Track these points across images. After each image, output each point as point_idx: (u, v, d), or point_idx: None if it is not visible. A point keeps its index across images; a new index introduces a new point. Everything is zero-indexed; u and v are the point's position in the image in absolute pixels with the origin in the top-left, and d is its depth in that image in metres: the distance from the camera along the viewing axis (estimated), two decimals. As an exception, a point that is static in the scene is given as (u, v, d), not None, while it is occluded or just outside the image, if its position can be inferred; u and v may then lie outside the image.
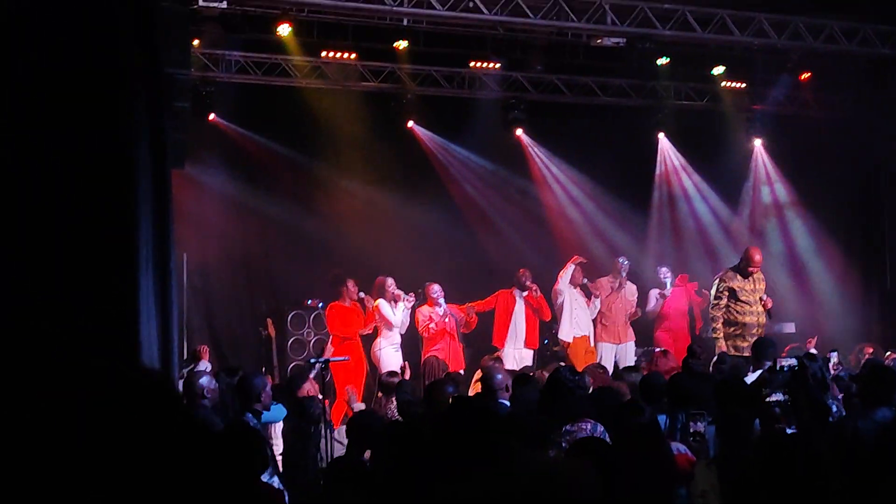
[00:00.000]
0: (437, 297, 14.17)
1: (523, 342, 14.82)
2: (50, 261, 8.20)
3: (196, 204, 15.33)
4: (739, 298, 13.14)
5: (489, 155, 17.67)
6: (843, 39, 14.70)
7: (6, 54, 7.55)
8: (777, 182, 18.44)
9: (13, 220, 8.20)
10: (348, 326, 13.91)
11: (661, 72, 16.17)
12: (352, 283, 14.10)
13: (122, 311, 8.84)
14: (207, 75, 14.92)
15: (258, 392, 8.33)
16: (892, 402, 6.98)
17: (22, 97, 8.20)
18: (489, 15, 12.88)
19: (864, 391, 7.38)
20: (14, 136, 8.12)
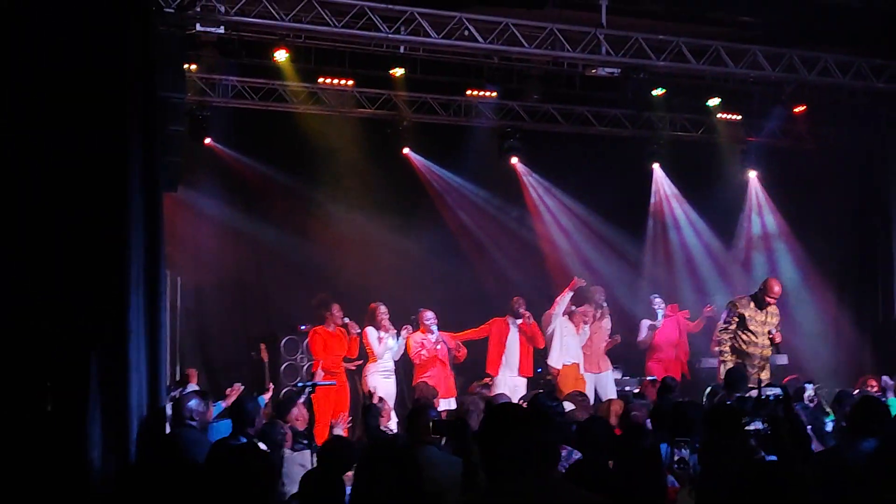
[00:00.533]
0: (429, 324, 14.16)
1: (517, 370, 14.78)
2: (39, 279, 8.26)
3: (191, 227, 15.40)
4: (748, 327, 13.14)
5: (484, 183, 17.73)
6: (838, 72, 14.75)
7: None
8: (771, 214, 18.46)
9: (2, 240, 8.26)
10: (330, 352, 13.84)
11: (656, 102, 16.25)
12: (336, 308, 13.99)
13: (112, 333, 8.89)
14: (204, 100, 15.00)
15: (252, 417, 8.36)
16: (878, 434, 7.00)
17: (14, 113, 8.28)
18: (484, 44, 12.95)
19: (852, 422, 7.42)
20: (5, 153, 8.19)
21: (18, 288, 8.18)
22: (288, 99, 15.56)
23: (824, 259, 17.96)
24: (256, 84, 15.34)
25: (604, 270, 17.68)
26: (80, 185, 8.75)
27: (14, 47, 8.31)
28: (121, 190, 8.96)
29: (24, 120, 8.24)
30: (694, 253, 18.47)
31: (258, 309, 16.70)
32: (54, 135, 8.47)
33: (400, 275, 16.34)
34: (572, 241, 18.16)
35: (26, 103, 8.28)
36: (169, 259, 13.66)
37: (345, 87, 15.75)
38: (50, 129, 8.38)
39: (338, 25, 12.38)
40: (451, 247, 17.31)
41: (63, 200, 8.69)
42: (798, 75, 14.63)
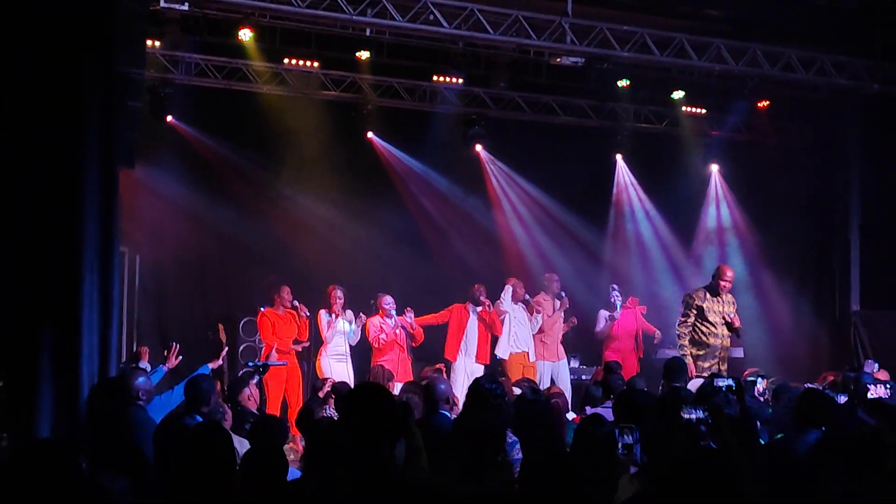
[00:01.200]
0: (388, 308, 14.14)
1: (475, 356, 14.80)
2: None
3: (151, 205, 15.31)
4: (707, 318, 13.17)
5: (447, 169, 17.71)
6: (801, 68, 14.83)
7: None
8: (732, 208, 18.56)
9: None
10: (279, 334, 13.78)
11: (620, 94, 16.32)
12: (286, 291, 13.87)
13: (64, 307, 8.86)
14: (166, 77, 14.90)
15: (208, 396, 8.31)
16: (822, 425, 7.10)
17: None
18: (449, 29, 12.93)
19: (797, 413, 7.50)
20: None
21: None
22: (252, 79, 15.48)
23: (783, 253, 18.10)
24: (220, 63, 15.25)
25: (564, 260, 17.72)
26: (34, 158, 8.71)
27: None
28: (75, 164, 8.92)
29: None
30: (653, 244, 18.55)
31: (218, 289, 16.61)
32: (7, 106, 8.42)
33: (360, 259, 16.35)
34: (534, 229, 18.20)
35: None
36: (128, 237, 13.67)
37: (310, 69, 15.69)
38: (2, 101, 8.33)
39: (302, 6, 12.32)
40: (413, 232, 17.28)
41: (16, 173, 8.64)
42: (761, 70, 14.69)
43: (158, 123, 14.99)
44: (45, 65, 8.63)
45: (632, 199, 18.61)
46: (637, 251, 18.54)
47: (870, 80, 15.13)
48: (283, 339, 13.74)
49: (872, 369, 11.79)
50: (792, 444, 7.14)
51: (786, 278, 18.09)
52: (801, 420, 7.39)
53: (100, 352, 9.15)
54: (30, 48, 8.54)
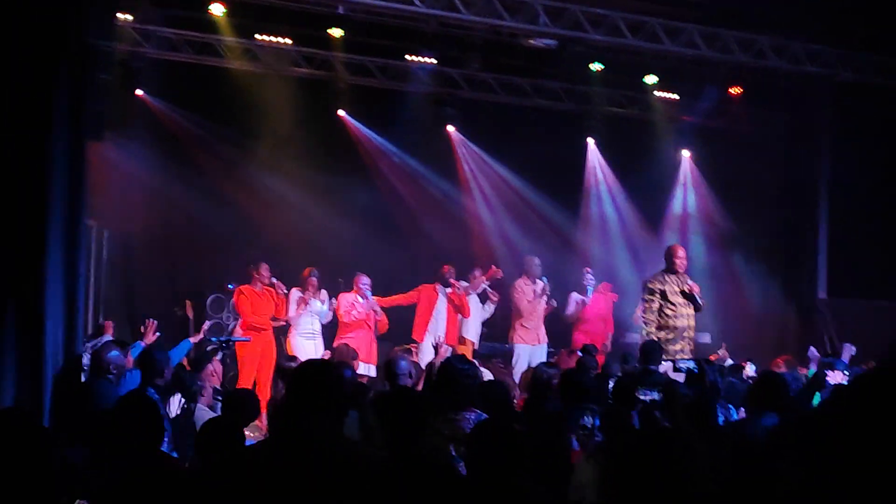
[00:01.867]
0: (364, 288, 14.14)
1: (443, 338, 14.79)
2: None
3: (120, 179, 15.21)
4: (670, 300, 13.20)
5: (419, 149, 17.70)
6: (773, 56, 14.88)
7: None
8: (703, 193, 18.63)
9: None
10: (257, 311, 13.78)
11: (593, 78, 16.33)
12: (264, 268, 13.88)
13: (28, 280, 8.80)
14: (137, 50, 14.81)
15: (161, 367, 8.30)
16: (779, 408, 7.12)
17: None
18: (422, 7, 12.89)
19: (752, 397, 7.53)
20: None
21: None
22: (223, 54, 15.41)
23: (752, 239, 18.19)
24: (191, 37, 15.17)
25: (535, 242, 17.71)
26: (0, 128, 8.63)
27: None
28: (43, 135, 8.84)
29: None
30: (624, 228, 18.61)
31: (186, 265, 16.55)
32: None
33: (330, 237, 16.30)
34: (505, 211, 18.22)
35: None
36: (96, 210, 13.57)
37: (282, 46, 15.62)
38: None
39: (275, -19, 12.27)
40: (384, 211, 17.27)
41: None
42: (734, 56, 14.73)
43: (128, 97, 14.94)
44: (13, 34, 8.55)
45: (603, 183, 18.64)
46: (608, 235, 18.60)
47: (841, 68, 15.20)
48: (260, 315, 13.71)
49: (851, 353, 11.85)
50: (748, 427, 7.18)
51: (754, 264, 18.17)
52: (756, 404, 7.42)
53: (65, 326, 9.09)
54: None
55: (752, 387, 7.65)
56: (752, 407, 7.35)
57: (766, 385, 7.34)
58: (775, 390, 7.15)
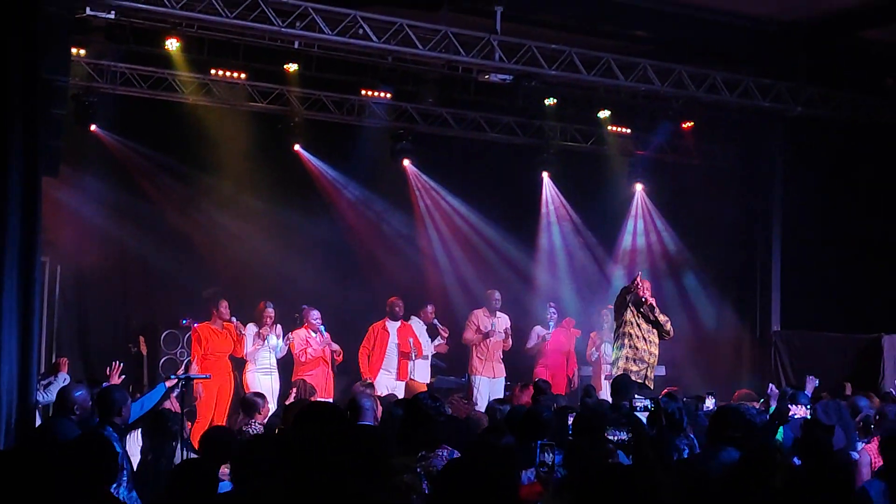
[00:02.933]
0: (316, 322, 14.08)
1: (395, 374, 14.73)
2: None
3: (74, 214, 15.12)
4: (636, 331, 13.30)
5: (375, 184, 17.71)
6: (725, 90, 15.05)
7: None
8: (656, 226, 18.75)
9: None
10: (210, 349, 13.57)
11: (548, 112, 16.43)
12: (224, 305, 13.78)
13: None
14: (91, 85, 14.70)
15: (119, 406, 8.19)
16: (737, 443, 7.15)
17: None
18: (378, 43, 12.93)
19: (711, 431, 7.55)
20: None
21: None
22: (178, 89, 15.32)
23: (706, 272, 18.31)
24: (146, 72, 15.07)
25: (491, 276, 17.76)
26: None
27: None
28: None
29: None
30: (579, 261, 18.69)
31: (140, 301, 16.41)
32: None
33: (286, 271, 16.25)
34: (460, 246, 18.23)
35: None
36: (49, 246, 13.47)
37: (237, 80, 15.58)
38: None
39: (230, 16, 12.22)
40: (340, 246, 17.26)
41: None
42: (687, 91, 14.87)
43: (83, 132, 14.79)
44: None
45: (561, 217, 18.71)
46: (566, 268, 18.65)
47: (793, 102, 15.39)
48: (216, 353, 13.60)
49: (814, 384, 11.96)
50: (707, 463, 7.19)
51: (708, 297, 18.31)
52: (714, 438, 7.43)
53: (19, 363, 9.00)
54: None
55: (710, 421, 7.67)
56: (710, 441, 7.37)
57: (723, 419, 7.36)
58: (733, 424, 7.18)
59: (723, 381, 16.69)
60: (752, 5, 14.72)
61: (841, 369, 14.96)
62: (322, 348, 14.01)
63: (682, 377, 16.18)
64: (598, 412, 6.93)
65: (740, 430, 7.21)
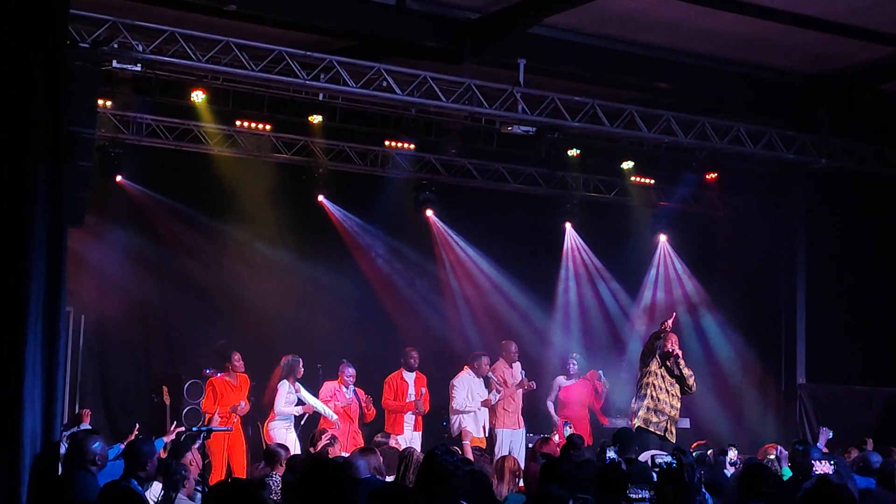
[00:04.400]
0: (349, 379, 14.02)
1: (413, 424, 14.63)
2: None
3: (97, 264, 15.19)
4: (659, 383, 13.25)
5: (398, 234, 17.73)
6: (749, 142, 15.05)
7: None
8: (681, 278, 18.69)
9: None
10: (224, 402, 13.45)
11: (571, 163, 16.43)
12: (236, 357, 13.76)
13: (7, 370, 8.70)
14: (117, 136, 14.79)
15: (146, 460, 8.19)
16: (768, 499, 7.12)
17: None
18: (402, 95, 13.02)
19: (742, 486, 7.55)
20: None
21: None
22: (203, 140, 15.42)
23: (729, 324, 18.21)
24: (171, 123, 15.17)
25: (514, 326, 17.72)
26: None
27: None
28: (22, 223, 8.80)
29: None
30: (603, 312, 18.64)
31: (163, 351, 16.42)
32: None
33: (311, 324, 16.27)
34: (484, 296, 18.20)
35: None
36: (74, 296, 13.49)
37: (262, 132, 15.64)
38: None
39: (255, 69, 12.35)
40: (365, 296, 17.26)
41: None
42: (710, 143, 14.88)
43: (108, 183, 14.87)
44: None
45: (584, 268, 18.69)
46: (589, 319, 18.60)
47: (817, 154, 15.39)
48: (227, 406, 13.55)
49: (827, 436, 11.85)
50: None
51: (732, 349, 18.21)
52: (744, 493, 7.45)
53: (43, 416, 8.95)
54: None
55: (742, 475, 7.67)
56: (741, 495, 7.37)
57: (755, 474, 7.39)
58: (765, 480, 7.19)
59: (748, 434, 16.58)
60: (775, 58, 14.75)
61: (866, 423, 14.84)
62: (347, 406, 13.96)
63: (707, 430, 16.06)
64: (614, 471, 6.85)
65: (771, 486, 7.21)
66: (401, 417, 14.49)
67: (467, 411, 14.50)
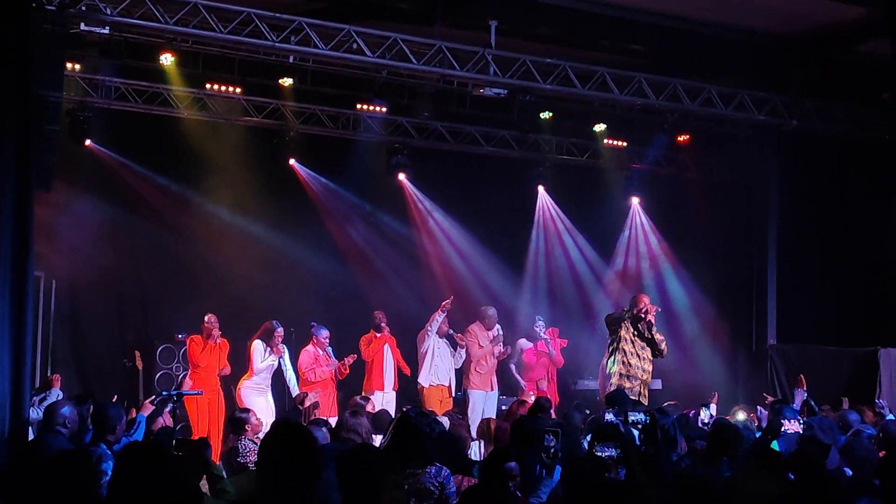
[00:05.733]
0: (325, 342, 14.08)
1: (391, 385, 14.76)
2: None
3: (68, 229, 15.08)
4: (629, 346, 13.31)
5: (370, 197, 17.70)
6: (721, 104, 15.02)
7: None
8: (652, 240, 18.74)
9: None
10: (206, 360, 13.66)
11: (543, 126, 16.42)
12: (210, 319, 13.82)
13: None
14: (85, 100, 14.68)
15: (113, 424, 8.20)
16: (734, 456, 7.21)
17: None
18: (373, 57, 12.93)
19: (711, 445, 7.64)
20: None
21: None
22: (173, 103, 15.31)
23: (702, 286, 18.28)
24: (140, 87, 15.06)
25: (486, 289, 17.75)
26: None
27: None
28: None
29: None
30: (575, 275, 18.68)
31: (135, 315, 16.37)
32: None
33: (282, 287, 16.22)
34: (456, 259, 18.20)
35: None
36: (44, 261, 13.44)
37: (232, 95, 15.56)
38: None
39: (224, 31, 12.24)
40: (336, 259, 17.22)
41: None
42: (682, 105, 14.85)
43: (77, 147, 14.77)
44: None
45: (556, 231, 18.71)
46: (560, 282, 18.65)
47: (788, 116, 15.37)
48: (209, 368, 13.61)
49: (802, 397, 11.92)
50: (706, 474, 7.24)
51: (703, 311, 18.27)
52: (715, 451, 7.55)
53: (12, 379, 8.96)
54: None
55: (710, 435, 7.77)
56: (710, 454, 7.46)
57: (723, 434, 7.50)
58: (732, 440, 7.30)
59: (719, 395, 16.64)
60: (747, 19, 14.70)
61: (837, 383, 14.92)
62: (331, 370, 14.00)
63: (678, 391, 16.13)
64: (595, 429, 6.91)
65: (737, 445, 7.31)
66: (380, 375, 14.57)
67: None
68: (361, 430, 8.66)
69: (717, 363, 17.97)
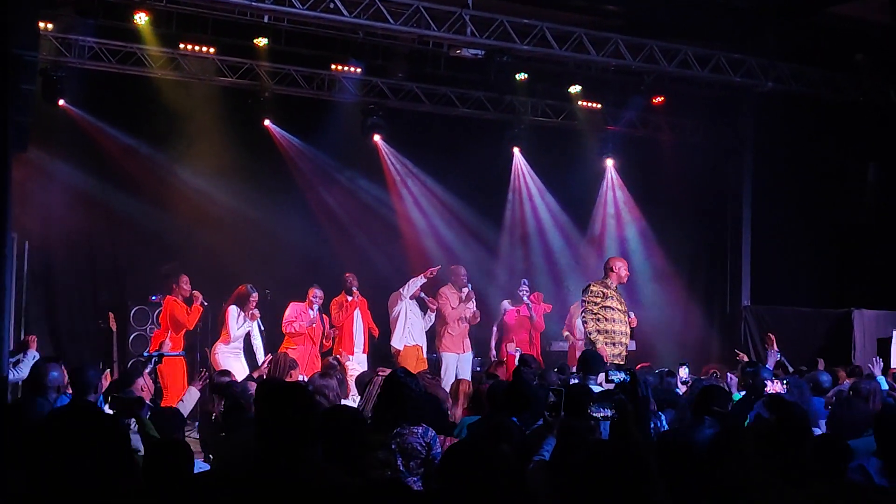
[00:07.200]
0: (315, 301, 14.11)
1: (362, 347, 14.80)
2: None
3: (41, 190, 14.98)
4: (607, 305, 13.30)
5: (345, 159, 17.61)
6: (697, 65, 15.02)
7: None
8: (626, 201, 18.79)
9: None
10: (193, 321, 13.64)
11: (518, 87, 16.39)
12: (185, 280, 13.73)
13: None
14: (59, 60, 14.53)
15: (94, 385, 8.16)
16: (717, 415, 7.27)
17: None
18: (349, 17, 12.82)
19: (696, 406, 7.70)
20: None
21: None
22: (147, 63, 15.17)
23: (676, 247, 18.38)
24: (114, 47, 14.91)
25: (461, 251, 17.79)
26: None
27: None
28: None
29: None
30: (550, 237, 18.72)
31: (109, 276, 16.28)
32: None
33: (256, 249, 16.19)
34: (431, 221, 18.21)
35: None
36: (18, 222, 13.30)
37: (206, 55, 15.44)
38: None
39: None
40: (310, 221, 17.20)
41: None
42: (658, 66, 14.85)
43: (51, 107, 14.64)
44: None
45: (529, 192, 18.74)
46: (536, 244, 18.70)
47: (763, 78, 15.38)
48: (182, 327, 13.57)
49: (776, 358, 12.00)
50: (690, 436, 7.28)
51: (678, 272, 18.39)
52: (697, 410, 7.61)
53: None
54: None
55: (697, 396, 7.82)
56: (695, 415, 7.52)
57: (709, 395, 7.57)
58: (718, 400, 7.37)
59: (693, 356, 16.78)
60: (723, -20, 14.71)
61: (811, 344, 15.06)
62: (309, 326, 14.01)
63: (653, 352, 16.25)
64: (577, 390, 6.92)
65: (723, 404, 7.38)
66: (350, 339, 14.60)
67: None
68: (329, 393, 8.65)
69: (691, 324, 18.10)
